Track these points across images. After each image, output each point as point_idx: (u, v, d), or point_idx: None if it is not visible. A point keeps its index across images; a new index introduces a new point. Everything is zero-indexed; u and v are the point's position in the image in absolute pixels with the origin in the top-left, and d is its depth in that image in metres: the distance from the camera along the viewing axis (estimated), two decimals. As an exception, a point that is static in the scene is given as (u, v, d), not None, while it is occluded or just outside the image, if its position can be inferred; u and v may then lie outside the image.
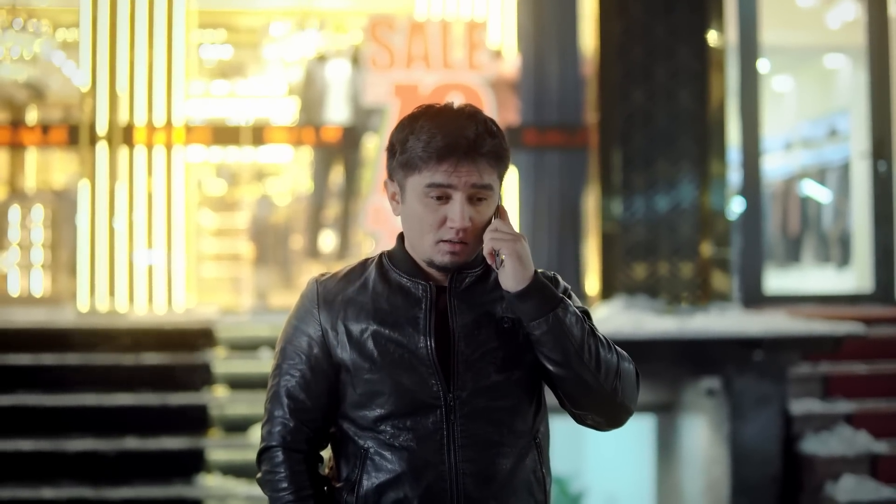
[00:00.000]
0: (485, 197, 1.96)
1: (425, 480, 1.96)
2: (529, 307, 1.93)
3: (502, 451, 2.00)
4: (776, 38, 8.54)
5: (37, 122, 10.40)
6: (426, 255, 1.99)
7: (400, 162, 1.97)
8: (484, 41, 7.59)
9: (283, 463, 2.04)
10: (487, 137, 1.95)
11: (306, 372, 2.05)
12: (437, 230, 1.96)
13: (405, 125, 1.99)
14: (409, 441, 1.97)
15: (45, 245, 8.69)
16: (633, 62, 7.41)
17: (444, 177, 1.93)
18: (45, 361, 6.22)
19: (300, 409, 2.04)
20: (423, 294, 2.01)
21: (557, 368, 1.96)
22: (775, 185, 10.84)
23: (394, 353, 1.98)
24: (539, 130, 8.00)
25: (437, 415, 1.97)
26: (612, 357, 1.99)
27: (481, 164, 1.94)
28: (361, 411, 2.01)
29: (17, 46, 8.69)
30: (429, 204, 1.95)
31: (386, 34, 7.43)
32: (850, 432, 6.15)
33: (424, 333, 1.98)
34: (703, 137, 7.40)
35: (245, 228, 11.36)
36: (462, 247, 1.96)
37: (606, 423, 2.07)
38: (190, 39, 8.58)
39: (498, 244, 1.93)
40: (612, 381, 1.98)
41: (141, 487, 5.76)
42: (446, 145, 1.92)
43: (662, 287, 7.33)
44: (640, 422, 7.28)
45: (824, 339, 6.21)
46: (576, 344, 1.94)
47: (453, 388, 1.98)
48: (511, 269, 1.92)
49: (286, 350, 2.08)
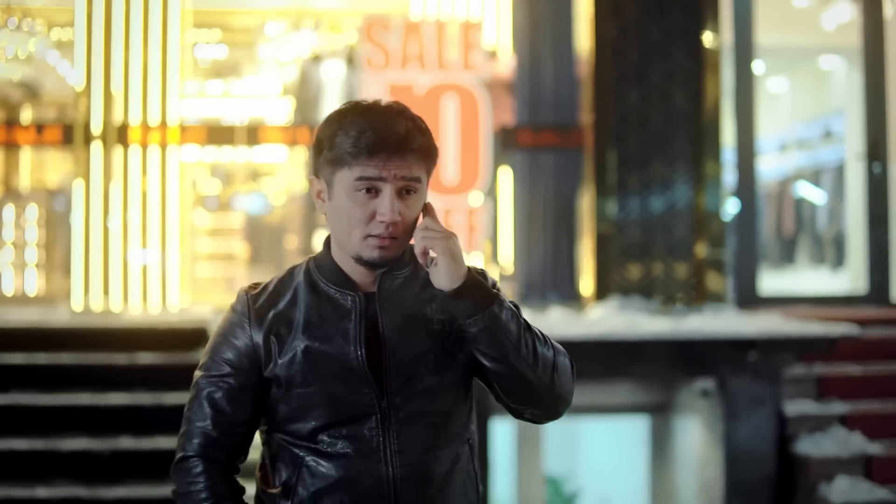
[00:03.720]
0: (413, 189, 1.94)
1: (362, 487, 1.95)
2: (465, 305, 1.90)
3: (438, 454, 1.99)
4: (771, 40, 8.55)
5: (31, 122, 10.38)
6: (354, 250, 1.95)
7: (328, 158, 1.94)
8: (479, 42, 7.59)
9: (203, 474, 2.00)
10: (417, 134, 1.94)
11: (234, 384, 2.02)
12: (365, 224, 1.92)
13: (333, 121, 1.96)
14: (346, 448, 1.96)
15: (40, 244, 8.68)
16: (629, 63, 7.42)
17: (374, 171, 1.90)
18: (39, 361, 6.21)
19: (225, 421, 2.01)
20: (352, 305, 1.98)
21: (495, 364, 1.94)
22: (770, 187, 10.86)
23: (325, 366, 1.96)
24: (534, 131, 8.00)
25: (372, 422, 1.96)
26: (548, 351, 1.97)
27: (410, 158, 1.92)
28: (296, 424, 1.98)
29: (12, 45, 8.69)
30: (357, 198, 1.92)
31: (381, 34, 7.43)
32: (845, 433, 6.16)
33: (355, 344, 1.96)
34: (698, 138, 7.41)
35: (239, 228, 11.36)
36: (391, 241, 1.93)
37: (545, 416, 2.05)
38: (185, 39, 8.57)
39: (430, 242, 1.90)
40: (549, 374, 1.96)
41: (135, 487, 5.75)
42: (377, 140, 1.90)
43: (657, 288, 7.34)
44: (634, 422, 7.29)
45: (818, 341, 6.21)
46: (513, 339, 1.92)
47: (387, 395, 1.96)
48: (445, 267, 1.90)
49: (213, 361, 2.06)
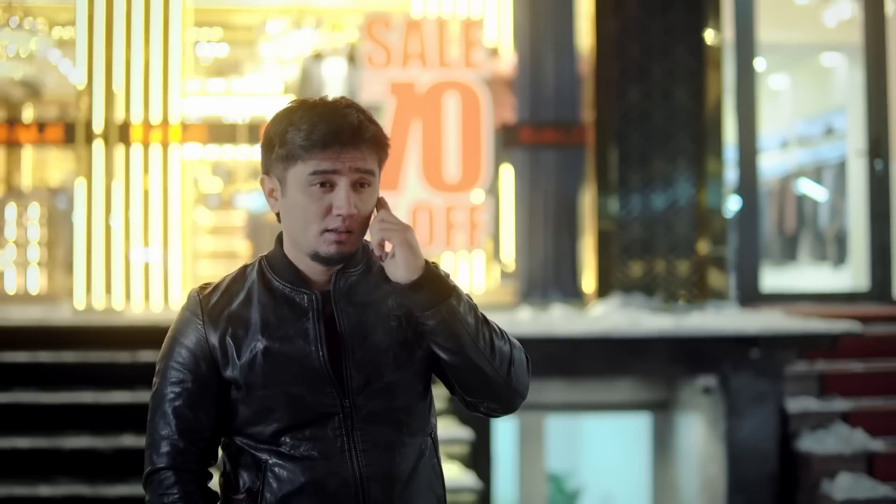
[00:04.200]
0: (368, 182, 1.92)
1: (329, 488, 1.93)
2: (422, 297, 1.88)
3: (403, 451, 1.98)
4: (773, 37, 8.55)
5: (33, 120, 10.37)
6: (310, 247, 1.92)
7: (279, 155, 1.91)
8: (480, 39, 7.58)
9: (176, 485, 1.96)
10: (369, 124, 1.92)
11: (193, 390, 1.98)
12: (321, 220, 1.90)
13: (282, 118, 1.93)
14: (310, 450, 1.93)
15: (42, 243, 8.68)
16: (630, 60, 7.42)
17: (328, 164, 1.88)
18: (41, 359, 6.21)
19: (189, 428, 1.97)
20: (309, 304, 1.96)
21: (452, 357, 1.92)
22: (772, 184, 10.85)
23: (286, 368, 1.93)
24: (535, 128, 8.00)
25: (335, 422, 1.94)
26: (505, 345, 1.96)
27: (364, 150, 1.91)
28: (256, 427, 1.95)
29: (14, 44, 8.70)
30: (312, 193, 1.90)
31: (382, 32, 7.42)
32: (847, 430, 6.16)
33: (316, 344, 1.93)
34: (700, 135, 7.40)
35: (241, 226, 11.35)
36: (348, 236, 1.91)
37: (501, 409, 2.03)
38: (186, 37, 8.56)
39: (387, 234, 1.88)
40: (506, 368, 1.95)
41: (138, 485, 5.69)
42: (329, 132, 1.88)
43: (659, 285, 7.34)
44: (636, 419, 7.29)
45: (821, 338, 6.21)
46: (471, 332, 1.91)
47: (349, 394, 1.94)
48: (402, 259, 1.87)
49: (170, 368, 2.01)
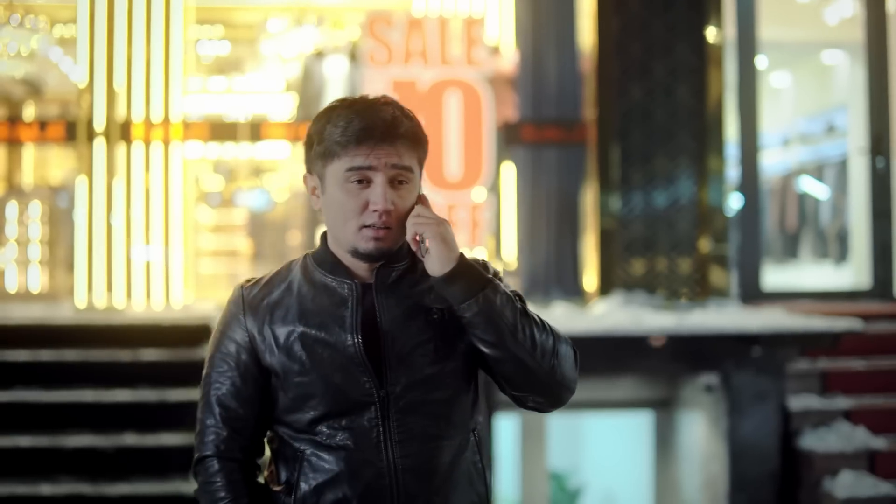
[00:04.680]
0: (406, 180, 1.94)
1: (364, 479, 1.94)
2: (457, 289, 1.90)
3: (440, 444, 1.98)
4: (774, 34, 8.54)
5: (34, 119, 10.37)
6: (350, 243, 1.95)
7: (318, 153, 1.96)
8: (482, 37, 7.58)
9: (220, 472, 2.00)
10: (404, 119, 1.94)
11: (236, 379, 2.01)
12: (359, 215, 1.92)
13: (322, 116, 1.97)
14: (346, 440, 1.95)
15: (43, 241, 8.67)
16: (632, 58, 7.41)
17: (363, 159, 1.90)
18: (42, 358, 6.22)
19: (232, 417, 2.01)
20: (349, 293, 1.98)
21: (492, 350, 1.93)
22: (773, 182, 10.84)
23: (322, 354, 1.95)
24: (537, 126, 7.99)
25: (371, 412, 1.94)
26: (546, 337, 1.96)
27: (400, 145, 1.92)
28: (295, 415, 1.98)
29: (15, 42, 8.69)
30: (350, 189, 1.92)
31: (384, 30, 7.42)
32: (849, 428, 6.16)
33: (351, 332, 1.95)
34: (702, 133, 7.40)
35: (243, 224, 11.36)
36: (386, 232, 1.93)
37: (548, 404, 2.04)
38: (187, 35, 8.56)
39: (421, 227, 1.90)
40: (549, 360, 1.95)
41: (139, 483, 5.75)
42: (364, 128, 1.90)
43: (660, 283, 7.33)
44: (638, 417, 7.29)
45: (822, 336, 6.21)
46: (508, 323, 1.91)
47: (386, 384, 1.95)
48: (436, 251, 1.89)
49: (215, 358, 2.05)
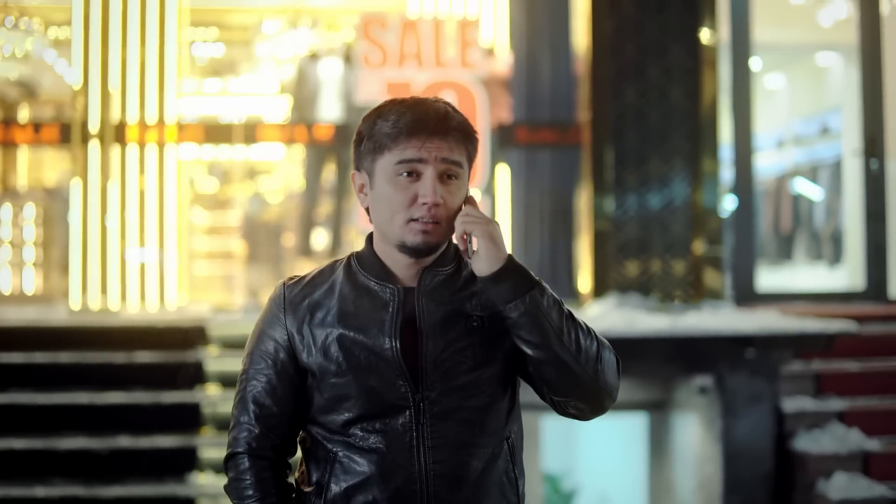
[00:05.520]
0: (455, 175, 1.94)
1: (394, 483, 1.93)
2: (505, 289, 1.88)
3: (473, 451, 1.97)
4: (768, 36, 8.55)
5: (29, 121, 10.35)
6: (397, 237, 1.94)
7: (368, 148, 1.95)
8: (476, 39, 7.58)
9: (249, 469, 2.01)
10: (455, 114, 1.96)
11: (272, 377, 2.01)
12: (408, 209, 1.92)
13: (372, 115, 1.98)
14: (379, 443, 1.94)
15: (37, 243, 8.66)
16: (626, 60, 7.41)
17: (414, 151, 1.90)
18: (37, 360, 6.21)
19: (266, 414, 2.02)
20: (391, 297, 1.97)
21: (536, 351, 1.91)
22: (767, 183, 10.85)
23: (359, 356, 1.95)
24: (531, 128, 8.00)
25: (406, 416, 1.94)
26: (591, 342, 1.94)
27: (450, 140, 1.93)
28: (329, 416, 1.98)
29: (9, 44, 8.67)
30: (399, 182, 1.92)
31: (378, 32, 7.42)
32: (843, 430, 6.16)
33: (390, 335, 1.94)
34: (696, 135, 7.40)
35: (237, 226, 11.34)
36: (434, 227, 1.92)
37: (590, 410, 2.01)
38: (182, 37, 8.56)
39: (470, 226, 1.90)
40: (592, 365, 1.93)
41: (133, 486, 5.75)
42: (415, 120, 1.91)
43: (655, 285, 7.33)
44: (632, 419, 7.29)
45: (816, 337, 6.22)
46: (554, 325, 1.89)
47: (422, 389, 1.94)
48: (484, 250, 1.88)
49: (253, 355, 2.04)
